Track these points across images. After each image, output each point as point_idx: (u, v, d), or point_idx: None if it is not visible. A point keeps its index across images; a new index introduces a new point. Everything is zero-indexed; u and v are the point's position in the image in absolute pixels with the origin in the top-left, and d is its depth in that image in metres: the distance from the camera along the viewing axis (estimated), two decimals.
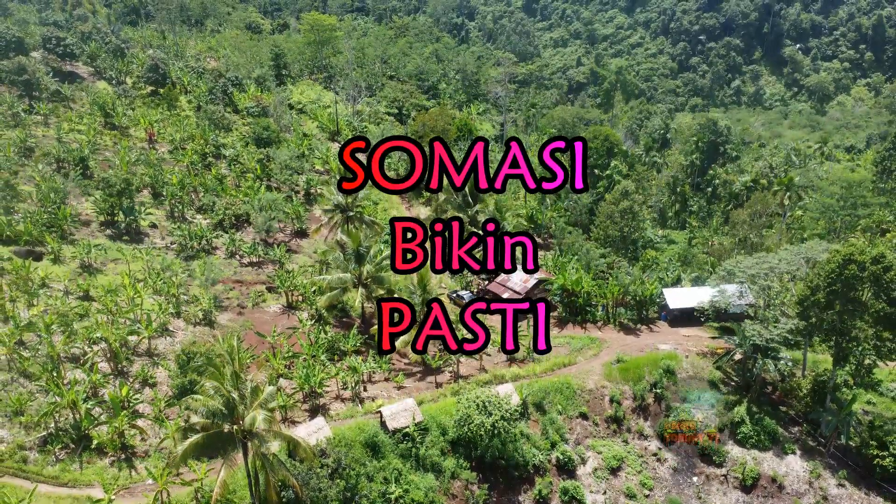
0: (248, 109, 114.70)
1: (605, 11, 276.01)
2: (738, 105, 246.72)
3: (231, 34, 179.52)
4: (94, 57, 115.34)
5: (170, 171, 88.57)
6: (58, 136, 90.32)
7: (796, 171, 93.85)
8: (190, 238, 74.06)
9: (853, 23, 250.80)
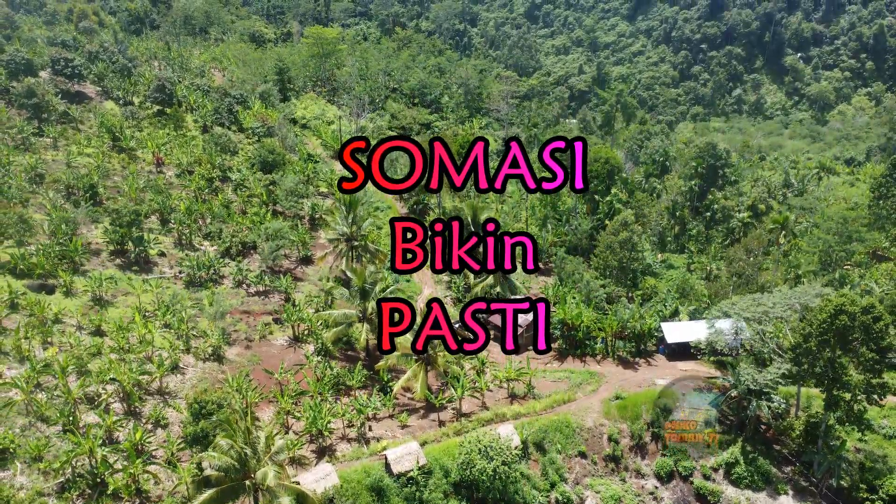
0: (253, 129, 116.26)
1: (606, 19, 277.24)
2: (740, 114, 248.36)
3: (235, 47, 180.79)
4: (102, 77, 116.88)
5: (177, 196, 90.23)
6: (67, 161, 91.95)
7: (794, 200, 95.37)
8: (198, 268, 75.61)
9: (854, 32, 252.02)
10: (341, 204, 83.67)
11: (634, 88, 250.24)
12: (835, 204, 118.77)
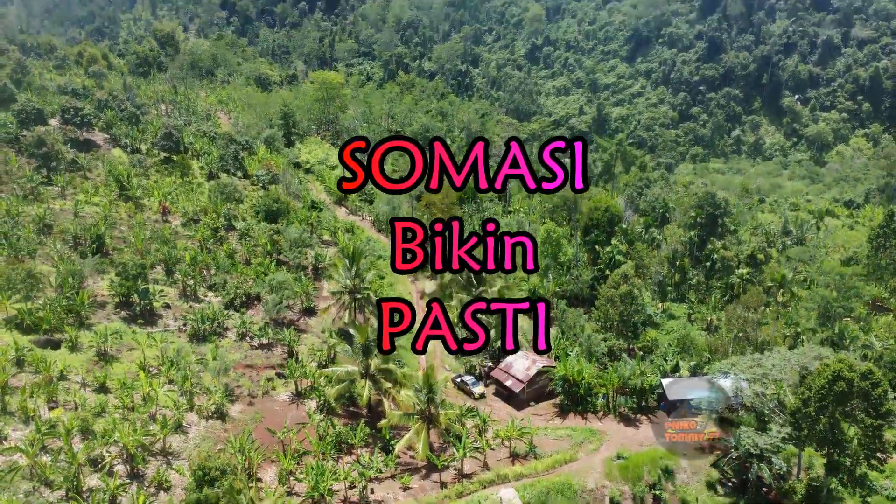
0: (258, 177, 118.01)
1: (606, 61, 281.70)
2: (739, 154, 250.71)
3: (241, 91, 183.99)
4: (110, 125, 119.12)
5: (182, 246, 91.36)
6: (75, 211, 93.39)
7: (793, 251, 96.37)
8: (202, 321, 76.28)
9: (850, 74, 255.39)
10: (344, 256, 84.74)
11: (634, 129, 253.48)
12: (834, 251, 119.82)
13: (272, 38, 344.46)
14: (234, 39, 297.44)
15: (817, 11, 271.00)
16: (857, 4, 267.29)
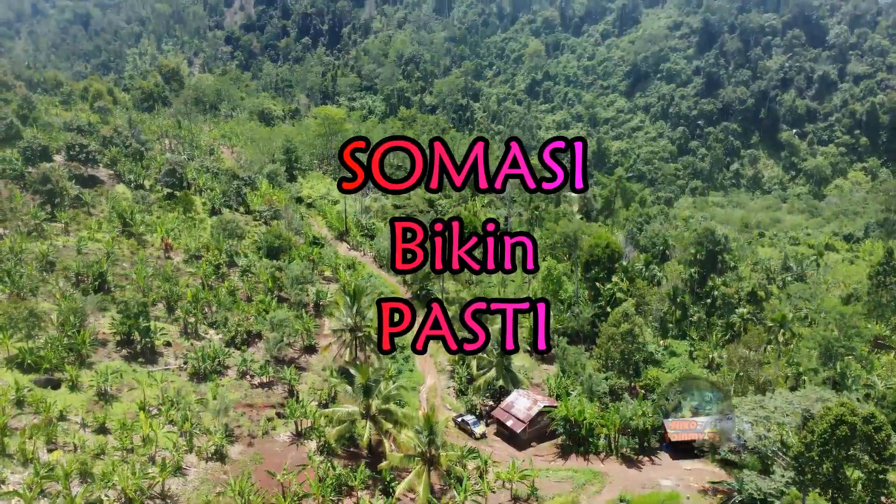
0: (260, 213, 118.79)
1: (605, 95, 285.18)
2: (738, 188, 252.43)
3: (245, 126, 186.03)
4: (115, 161, 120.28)
5: (184, 282, 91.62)
6: (78, 248, 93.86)
7: (793, 287, 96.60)
8: (203, 359, 76.20)
9: (847, 109, 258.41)
10: (345, 293, 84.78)
11: (633, 163, 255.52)
12: (835, 287, 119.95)
13: (275, 73, 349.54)
14: (238, 74, 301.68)
15: (813, 48, 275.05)
16: (853, 41, 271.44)
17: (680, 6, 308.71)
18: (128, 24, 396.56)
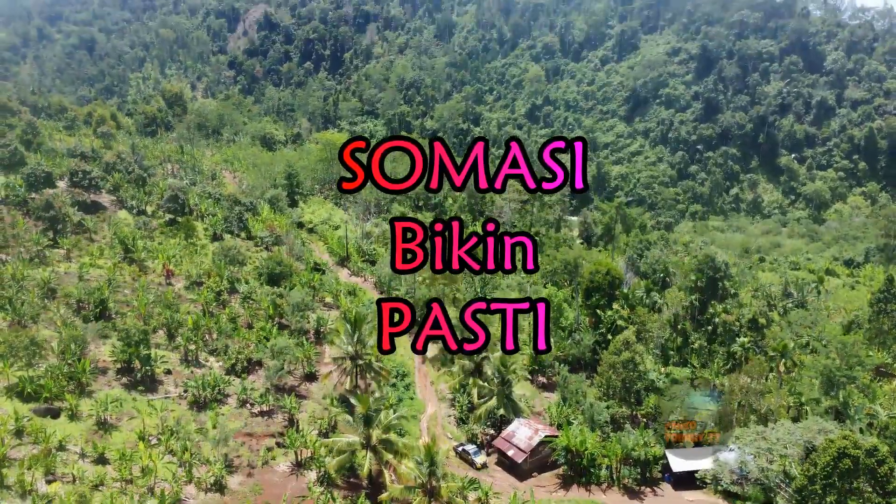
0: (261, 239, 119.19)
1: (605, 120, 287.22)
2: (738, 212, 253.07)
3: (247, 151, 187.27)
4: (117, 187, 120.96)
5: (185, 309, 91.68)
6: (79, 274, 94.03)
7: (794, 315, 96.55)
8: (203, 388, 76.02)
9: (846, 134, 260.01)
10: (346, 321, 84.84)
11: (633, 187, 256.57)
12: (836, 313, 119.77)
13: (278, 97, 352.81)
14: (241, 99, 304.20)
15: (811, 73, 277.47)
16: (850, 67, 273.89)
17: (678, 33, 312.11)
18: (132, 48, 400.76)
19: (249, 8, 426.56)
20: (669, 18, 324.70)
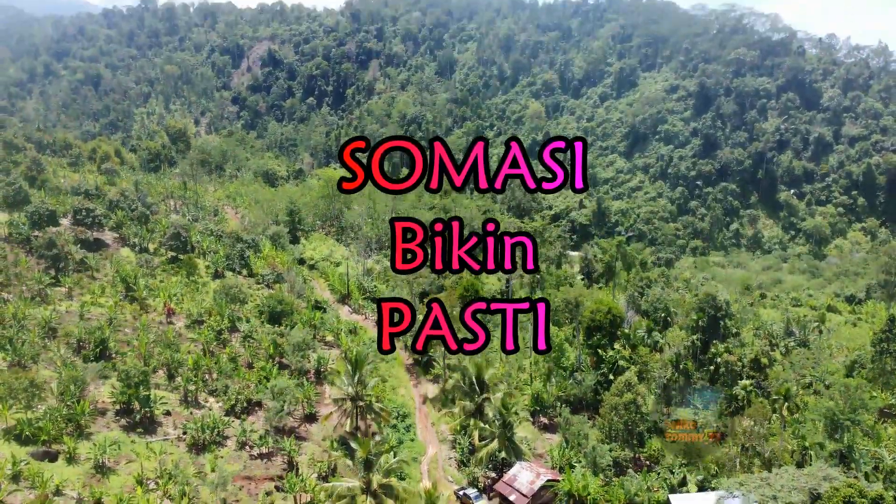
0: (263, 276, 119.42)
1: (605, 156, 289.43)
2: (738, 247, 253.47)
3: (249, 187, 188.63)
4: (120, 225, 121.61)
5: (186, 349, 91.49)
6: (80, 313, 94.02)
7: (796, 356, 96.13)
8: (202, 430, 75.50)
9: (844, 170, 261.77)
10: (347, 361, 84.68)
11: (634, 222, 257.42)
12: (839, 351, 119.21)
13: (280, 132, 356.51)
14: (244, 135, 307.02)
15: (808, 110, 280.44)
16: (846, 104, 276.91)
17: (676, 70, 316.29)
18: (137, 84, 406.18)
19: (254, 45, 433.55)
20: (667, 56, 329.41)
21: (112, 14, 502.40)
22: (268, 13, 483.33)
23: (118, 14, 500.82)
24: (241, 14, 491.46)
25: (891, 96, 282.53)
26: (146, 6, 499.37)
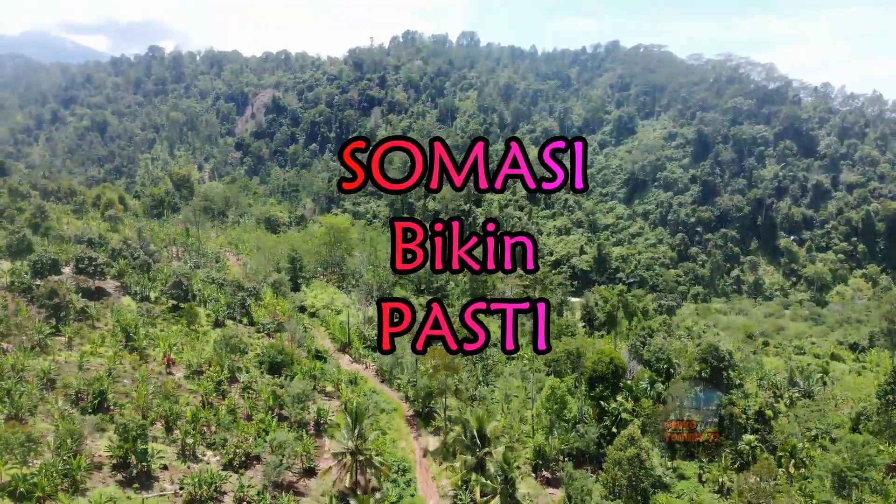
0: (263, 325, 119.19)
1: (605, 202, 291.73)
2: (740, 294, 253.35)
3: (251, 234, 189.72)
4: (122, 273, 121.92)
5: (185, 400, 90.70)
6: (80, 364, 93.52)
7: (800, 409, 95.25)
8: (199, 485, 74.32)
9: (843, 217, 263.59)
10: (347, 415, 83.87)
11: (634, 269, 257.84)
12: (844, 403, 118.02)
13: (283, 177, 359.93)
14: (247, 181, 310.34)
15: (805, 157, 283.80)
16: (843, 151, 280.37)
17: (674, 118, 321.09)
18: (143, 130, 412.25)
19: (258, 92, 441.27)
20: (665, 104, 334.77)
21: (120, 62, 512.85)
22: (272, 61, 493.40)
23: (126, 62, 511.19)
24: (246, 62, 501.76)
25: (887, 144, 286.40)
26: (153, 54, 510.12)
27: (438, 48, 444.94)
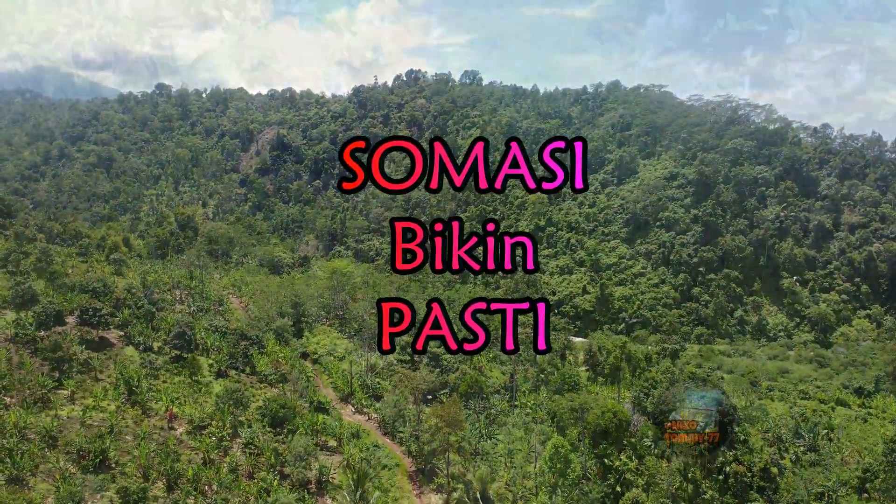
0: (265, 375, 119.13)
1: (607, 242, 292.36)
2: (743, 335, 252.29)
3: (254, 278, 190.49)
4: (126, 323, 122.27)
5: (186, 457, 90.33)
6: (82, 420, 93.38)
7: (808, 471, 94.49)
8: None
9: (845, 257, 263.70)
10: (349, 477, 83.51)
11: (637, 309, 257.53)
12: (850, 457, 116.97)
13: (287, 213, 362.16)
14: (251, 220, 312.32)
15: (806, 198, 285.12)
16: (844, 192, 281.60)
17: (675, 158, 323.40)
18: (148, 166, 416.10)
19: (263, 129, 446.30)
20: (666, 145, 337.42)
21: (127, 99, 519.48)
22: (278, 99, 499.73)
23: (133, 99, 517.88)
24: (251, 100, 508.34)
25: (888, 184, 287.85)
26: (160, 92, 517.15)
27: (441, 87, 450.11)
